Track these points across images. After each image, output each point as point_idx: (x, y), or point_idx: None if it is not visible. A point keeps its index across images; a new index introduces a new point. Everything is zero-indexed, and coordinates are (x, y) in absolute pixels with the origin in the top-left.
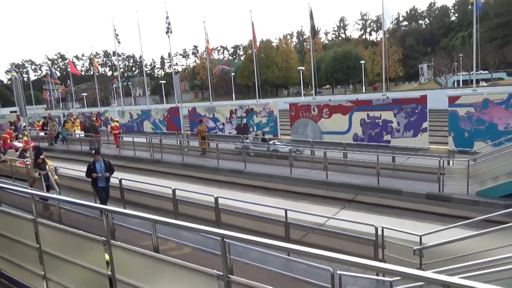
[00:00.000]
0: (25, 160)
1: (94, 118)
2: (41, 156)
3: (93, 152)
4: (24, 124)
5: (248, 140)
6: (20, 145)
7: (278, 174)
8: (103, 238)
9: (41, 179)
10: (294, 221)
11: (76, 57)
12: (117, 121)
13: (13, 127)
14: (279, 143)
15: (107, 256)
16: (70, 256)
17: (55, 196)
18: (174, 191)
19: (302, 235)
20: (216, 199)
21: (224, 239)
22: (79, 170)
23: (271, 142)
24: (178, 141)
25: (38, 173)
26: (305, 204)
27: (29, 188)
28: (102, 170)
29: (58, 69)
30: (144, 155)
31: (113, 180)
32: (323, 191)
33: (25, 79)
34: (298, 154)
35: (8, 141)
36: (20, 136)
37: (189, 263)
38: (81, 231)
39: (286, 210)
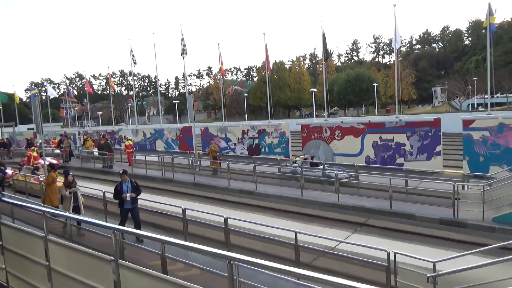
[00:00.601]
0: (39, 176)
1: (101, 137)
2: (70, 174)
3: (121, 172)
4: (40, 141)
5: (295, 164)
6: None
7: (289, 196)
8: (111, 257)
9: (71, 198)
10: (305, 244)
11: (94, 76)
12: (131, 140)
13: (38, 144)
14: (328, 168)
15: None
16: (78, 274)
17: (66, 214)
18: (184, 210)
19: (312, 258)
20: (226, 219)
21: (232, 262)
22: (92, 188)
23: (321, 166)
24: (190, 160)
25: (69, 192)
26: (315, 227)
27: (42, 205)
28: (129, 191)
29: (76, 87)
30: (156, 174)
31: None
32: (334, 214)
33: (43, 98)
34: (353, 181)
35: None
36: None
37: (197, 285)
38: (90, 250)
39: (296, 233)
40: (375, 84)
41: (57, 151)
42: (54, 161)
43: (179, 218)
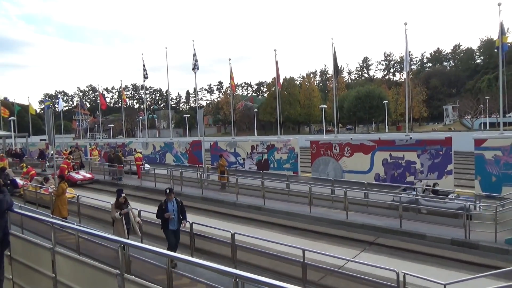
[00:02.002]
0: (49, 188)
1: (94, 147)
2: (123, 195)
3: (167, 191)
4: (52, 152)
5: (415, 192)
6: (80, 177)
7: (297, 212)
8: (117, 271)
9: (122, 220)
10: (312, 261)
11: (106, 89)
12: (140, 153)
13: (71, 156)
14: (455, 197)
15: None
16: (84, 287)
17: (74, 226)
18: (191, 225)
19: (319, 277)
20: (233, 235)
21: (237, 279)
22: (101, 200)
23: (450, 195)
24: (199, 174)
25: (119, 213)
26: (323, 245)
27: (51, 216)
28: (175, 211)
29: (89, 100)
30: (164, 187)
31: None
32: (343, 232)
33: (57, 109)
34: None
35: (66, 172)
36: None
37: None
38: (96, 263)
39: (303, 250)
40: (385, 102)
41: None
42: (88, 175)
43: (186, 233)
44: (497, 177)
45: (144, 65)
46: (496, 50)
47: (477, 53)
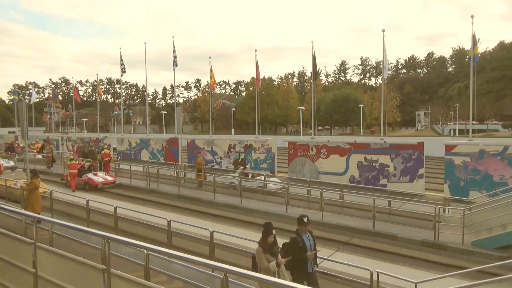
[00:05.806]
0: (17, 181)
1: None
2: (274, 232)
3: (304, 219)
4: (21, 145)
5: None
6: (100, 180)
7: (274, 212)
8: (104, 266)
9: (275, 273)
10: None
11: (80, 82)
12: (107, 148)
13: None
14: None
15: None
16: (66, 283)
17: (48, 218)
18: (169, 222)
19: None
20: (211, 233)
21: (228, 274)
22: (72, 195)
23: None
24: (175, 172)
25: (277, 264)
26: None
27: (23, 210)
28: (312, 246)
29: (61, 93)
30: (140, 184)
31: (109, 208)
32: (318, 232)
33: (27, 101)
34: None
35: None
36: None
37: None
38: (81, 258)
39: None
40: (361, 106)
41: (39, 156)
42: (109, 178)
43: (163, 230)
44: (465, 182)
45: (121, 59)
46: (467, 59)
47: (449, 62)
